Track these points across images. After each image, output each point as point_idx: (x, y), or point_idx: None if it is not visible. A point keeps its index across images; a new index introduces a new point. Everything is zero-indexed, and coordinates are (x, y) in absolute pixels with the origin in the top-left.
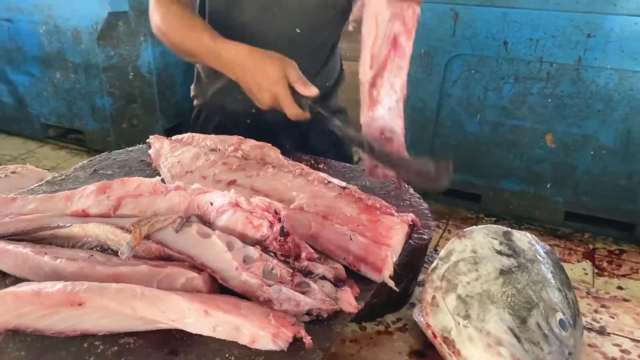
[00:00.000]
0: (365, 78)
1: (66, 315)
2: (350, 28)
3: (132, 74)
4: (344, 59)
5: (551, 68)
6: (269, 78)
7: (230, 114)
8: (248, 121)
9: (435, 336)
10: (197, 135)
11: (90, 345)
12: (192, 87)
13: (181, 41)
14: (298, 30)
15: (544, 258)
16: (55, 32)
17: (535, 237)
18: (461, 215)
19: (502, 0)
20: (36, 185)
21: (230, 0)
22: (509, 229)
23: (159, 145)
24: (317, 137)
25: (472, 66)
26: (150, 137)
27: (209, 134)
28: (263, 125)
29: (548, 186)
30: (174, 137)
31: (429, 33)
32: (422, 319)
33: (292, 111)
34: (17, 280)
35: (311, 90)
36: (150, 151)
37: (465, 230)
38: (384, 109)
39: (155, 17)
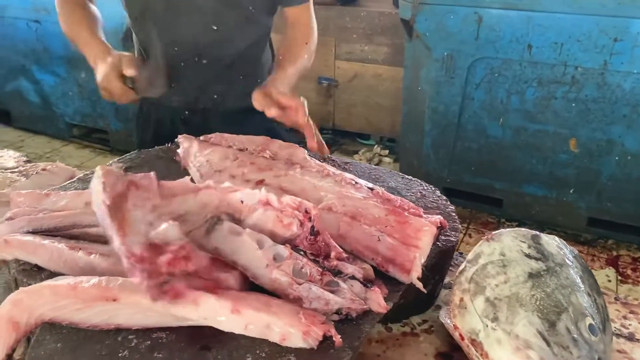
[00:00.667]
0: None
1: (101, 309)
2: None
3: None
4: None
5: (576, 72)
6: (108, 64)
7: (167, 108)
8: (186, 113)
9: (462, 338)
10: (225, 135)
11: (124, 339)
12: None
13: (69, 30)
14: (214, 28)
15: (572, 262)
16: None
17: (563, 241)
18: (482, 219)
19: (527, 3)
20: (68, 182)
21: (144, 6)
22: (538, 232)
23: (187, 145)
24: (252, 127)
25: (495, 70)
26: (179, 136)
27: (152, 128)
28: (199, 116)
29: (571, 191)
30: (202, 137)
31: (452, 36)
32: (449, 321)
33: (116, 89)
34: (51, 274)
35: (130, 72)
36: (179, 150)
37: (493, 233)
38: None
39: (57, 3)
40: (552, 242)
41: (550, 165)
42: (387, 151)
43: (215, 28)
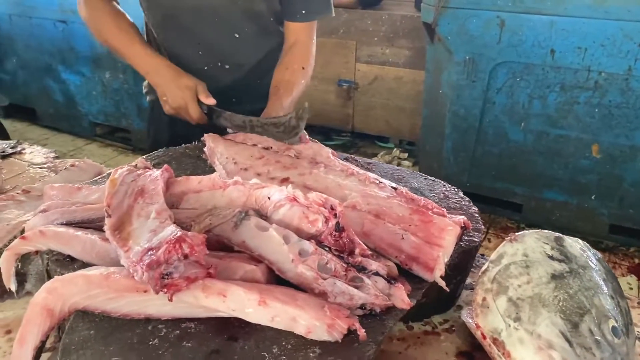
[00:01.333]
0: None
1: (132, 299)
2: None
3: None
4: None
5: (599, 77)
6: (182, 85)
7: None
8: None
9: (484, 337)
10: (249, 135)
11: (154, 328)
12: (144, 84)
13: (112, 39)
14: (237, 35)
15: (595, 265)
16: None
17: (586, 243)
18: (502, 224)
19: (550, 8)
20: (99, 177)
21: (169, 12)
22: (561, 234)
23: (213, 144)
24: None
25: (517, 74)
26: (205, 135)
27: (164, 127)
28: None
29: (593, 198)
30: (228, 136)
31: (474, 40)
32: (471, 320)
33: (195, 112)
34: (83, 265)
35: (209, 100)
36: (205, 148)
37: (516, 234)
38: None
39: (84, 7)
40: (575, 245)
41: (571, 171)
42: (406, 154)
43: (237, 36)
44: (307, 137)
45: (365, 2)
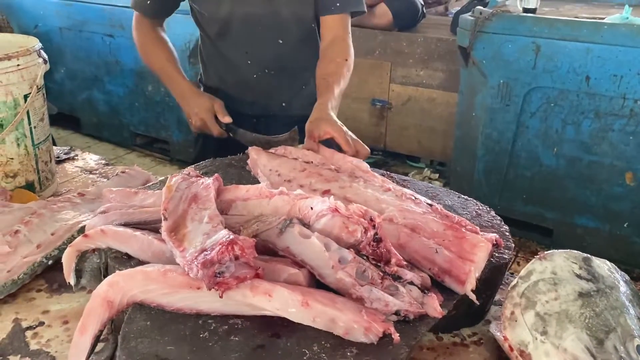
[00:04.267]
0: None
1: (186, 295)
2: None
3: None
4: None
5: (635, 105)
6: (202, 107)
7: (236, 115)
8: (254, 120)
9: (512, 349)
10: (289, 149)
11: (204, 323)
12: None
13: (154, 65)
14: (280, 42)
15: (623, 286)
16: None
17: (614, 265)
18: (531, 248)
19: (586, 35)
20: (151, 183)
21: (224, 24)
22: (589, 255)
23: (256, 156)
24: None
25: (551, 99)
26: (249, 148)
27: (213, 138)
28: (265, 122)
29: (625, 225)
30: (271, 150)
31: (509, 64)
32: (499, 333)
33: (215, 129)
34: (139, 262)
35: (226, 119)
36: (248, 160)
37: (546, 252)
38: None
39: (136, 35)
40: (603, 266)
41: (604, 198)
42: (437, 174)
43: (281, 42)
44: None
45: (401, 25)
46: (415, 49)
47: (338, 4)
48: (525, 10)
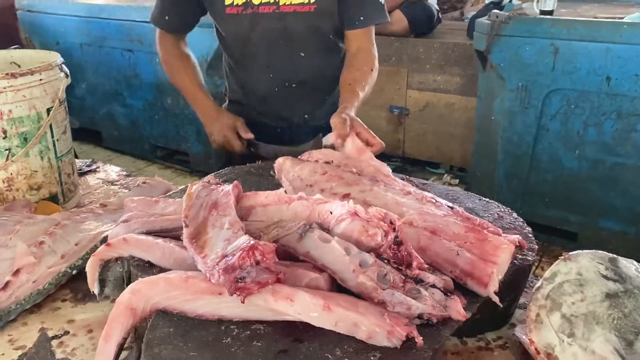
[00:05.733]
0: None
1: (207, 301)
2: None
3: None
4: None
5: None
6: (224, 124)
7: (256, 126)
8: (278, 130)
9: (538, 352)
10: (313, 152)
11: (226, 328)
12: (224, 105)
13: (177, 80)
14: (302, 54)
15: None
16: None
17: None
18: (555, 252)
19: (606, 35)
20: (172, 192)
21: (244, 40)
22: (615, 255)
23: (282, 161)
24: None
25: (571, 101)
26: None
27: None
28: (289, 132)
29: None
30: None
31: (527, 67)
32: (524, 337)
33: (237, 145)
34: (161, 270)
35: (248, 135)
36: (275, 165)
37: (570, 253)
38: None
39: (160, 52)
40: (630, 266)
41: (629, 200)
42: (457, 180)
43: (302, 55)
44: None
45: (417, 31)
46: (432, 55)
47: (362, 18)
48: (543, 12)
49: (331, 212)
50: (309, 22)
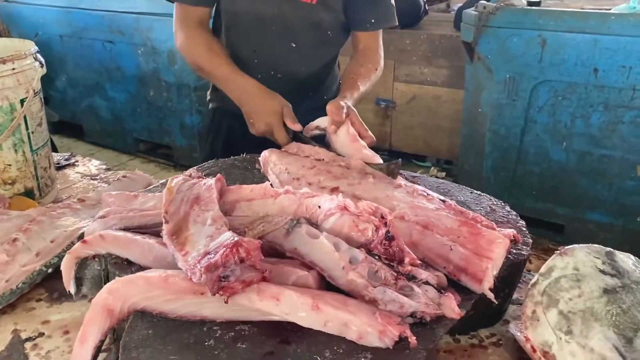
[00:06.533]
0: None
1: (189, 301)
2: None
3: None
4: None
5: None
6: (269, 109)
7: (240, 117)
8: None
9: (534, 350)
10: (302, 146)
11: (209, 330)
12: (208, 92)
13: (203, 62)
14: (293, 45)
15: None
16: (152, 53)
17: (639, 259)
18: (543, 245)
19: (593, 26)
20: (152, 186)
21: (234, 17)
22: (612, 249)
23: (267, 153)
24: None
25: (559, 93)
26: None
27: (223, 135)
28: None
29: (639, 219)
30: (283, 148)
31: (514, 59)
32: (519, 334)
33: (282, 137)
34: (141, 268)
35: (296, 126)
36: (261, 158)
37: (566, 247)
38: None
39: (180, 36)
40: (627, 260)
41: (616, 192)
42: (444, 173)
43: (294, 46)
44: None
45: (403, 22)
46: (419, 47)
47: (373, 21)
48: (530, 3)
49: (319, 207)
50: (308, 14)
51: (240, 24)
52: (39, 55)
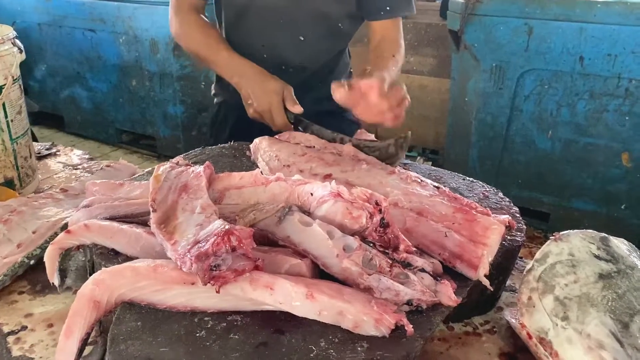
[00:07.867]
0: None
1: (179, 291)
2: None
3: (203, 83)
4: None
5: (630, 85)
6: (269, 88)
7: (246, 111)
8: None
9: (530, 337)
10: (294, 133)
11: (200, 320)
12: (212, 86)
13: (200, 48)
14: (302, 38)
15: None
16: (134, 42)
17: (632, 245)
18: (528, 233)
19: (579, 15)
20: (138, 175)
21: (240, 12)
22: (606, 235)
23: (258, 141)
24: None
25: (545, 81)
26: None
27: (228, 129)
28: None
29: (623, 207)
30: (275, 136)
31: (501, 47)
32: (514, 320)
33: (280, 120)
34: (127, 258)
35: (296, 108)
36: (251, 146)
37: (561, 233)
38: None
39: (175, 23)
40: (621, 245)
41: (601, 180)
42: (430, 163)
43: (302, 39)
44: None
45: None
46: (405, 35)
47: (388, 8)
48: None
49: (312, 194)
50: (317, 6)
51: (248, 19)
52: (17, 41)
